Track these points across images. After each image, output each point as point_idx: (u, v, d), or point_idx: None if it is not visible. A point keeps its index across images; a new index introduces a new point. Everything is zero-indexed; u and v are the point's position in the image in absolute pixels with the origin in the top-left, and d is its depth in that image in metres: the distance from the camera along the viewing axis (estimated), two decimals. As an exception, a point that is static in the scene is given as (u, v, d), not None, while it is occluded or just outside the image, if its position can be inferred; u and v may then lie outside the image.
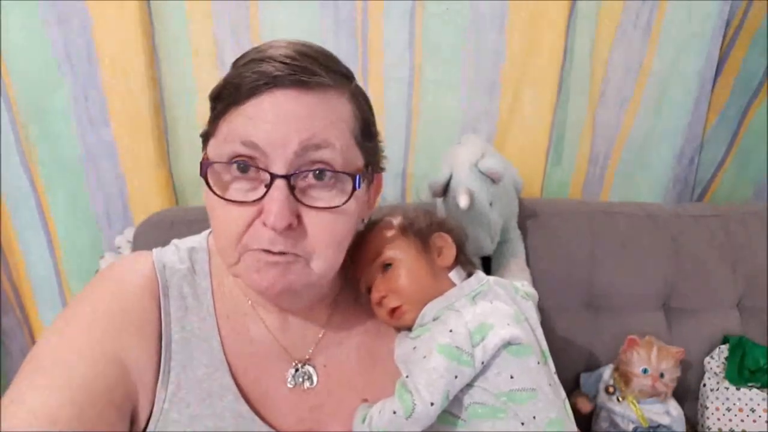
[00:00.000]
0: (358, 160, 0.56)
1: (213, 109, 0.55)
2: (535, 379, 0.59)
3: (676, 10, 1.13)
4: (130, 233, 1.09)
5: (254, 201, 0.51)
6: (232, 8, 1.05)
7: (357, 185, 0.54)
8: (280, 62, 0.50)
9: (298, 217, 0.52)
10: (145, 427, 0.56)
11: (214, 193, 0.53)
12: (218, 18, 1.05)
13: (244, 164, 0.52)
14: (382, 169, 0.63)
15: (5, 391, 0.50)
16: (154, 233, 0.95)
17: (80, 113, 1.07)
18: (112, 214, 1.16)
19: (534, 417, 0.58)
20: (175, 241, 0.67)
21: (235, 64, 0.54)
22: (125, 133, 1.09)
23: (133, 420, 0.55)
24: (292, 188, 0.51)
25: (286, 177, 0.50)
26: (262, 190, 0.51)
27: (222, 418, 0.57)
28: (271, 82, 0.50)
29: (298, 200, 0.52)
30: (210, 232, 0.69)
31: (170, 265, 0.63)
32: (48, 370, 0.51)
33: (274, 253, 0.52)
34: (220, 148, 0.53)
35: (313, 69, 0.51)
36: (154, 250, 0.65)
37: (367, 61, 1.10)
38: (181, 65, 1.08)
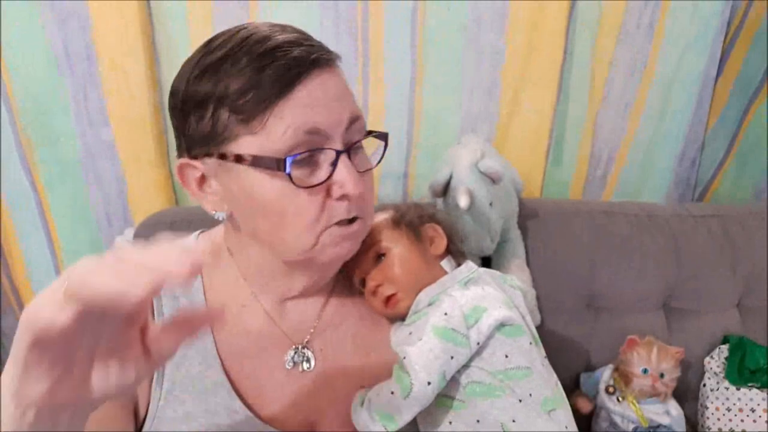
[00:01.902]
0: None
1: (240, 108, 0.51)
2: (529, 358, 0.61)
3: (679, 11, 1.13)
4: (130, 233, 1.09)
5: (324, 181, 0.53)
6: (232, 8, 1.05)
7: (386, 144, 0.60)
8: (305, 45, 0.52)
9: None
10: (143, 425, 0.56)
11: (298, 186, 0.52)
12: (218, 18, 1.05)
13: (311, 151, 0.53)
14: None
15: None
16: (154, 233, 0.95)
17: (80, 113, 1.07)
18: (112, 214, 1.16)
19: (530, 395, 0.59)
20: None
21: (234, 62, 0.51)
22: (125, 133, 1.09)
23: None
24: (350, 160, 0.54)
25: (347, 151, 0.54)
26: (326, 169, 0.54)
27: (216, 414, 0.58)
28: (312, 64, 0.52)
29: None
30: (200, 233, 0.70)
31: None
32: None
33: (349, 223, 0.56)
34: (274, 143, 0.51)
35: (325, 47, 0.55)
36: None
37: (368, 61, 1.10)
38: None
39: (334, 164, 0.53)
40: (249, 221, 0.58)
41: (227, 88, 0.51)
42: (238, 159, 0.52)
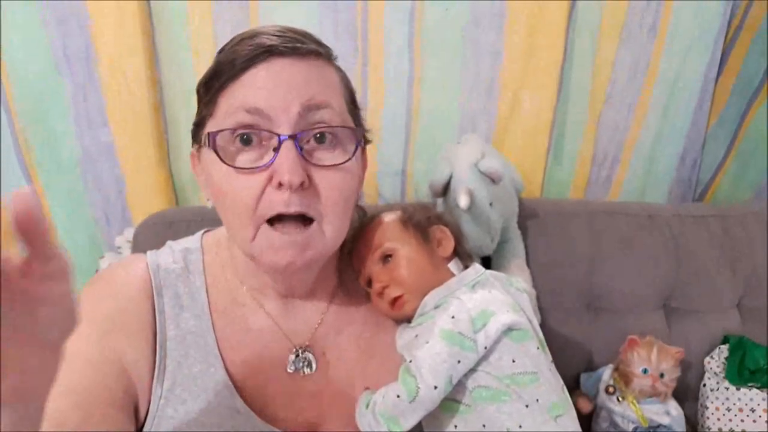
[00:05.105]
0: (352, 124, 0.58)
1: (207, 92, 0.56)
2: (536, 363, 0.60)
3: (682, 11, 1.13)
4: (129, 233, 1.09)
5: (264, 166, 0.52)
6: (232, 8, 1.05)
7: (358, 142, 0.57)
8: (272, 35, 0.53)
9: (309, 177, 0.53)
10: (143, 424, 0.56)
11: (224, 161, 0.53)
12: (218, 18, 1.05)
13: (248, 135, 0.53)
14: (369, 141, 0.64)
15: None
16: (154, 233, 0.95)
17: (79, 114, 1.07)
18: (112, 214, 1.15)
19: (537, 400, 0.58)
20: (169, 242, 0.68)
21: (223, 49, 0.56)
22: (125, 134, 1.09)
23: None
24: (299, 149, 0.52)
25: (293, 137, 0.52)
26: (270, 155, 0.52)
27: (218, 414, 0.58)
28: (267, 51, 0.52)
29: (306, 160, 0.53)
30: (204, 232, 0.70)
31: (164, 266, 0.64)
32: None
33: (289, 225, 0.53)
34: (223, 121, 0.54)
35: (303, 39, 0.54)
36: (148, 252, 0.66)
37: (367, 61, 1.10)
38: (181, 65, 1.08)
39: (277, 150, 0.52)
40: (217, 208, 0.58)
41: (205, 75, 0.56)
42: (202, 140, 0.56)
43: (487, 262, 1.01)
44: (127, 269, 0.63)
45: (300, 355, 0.63)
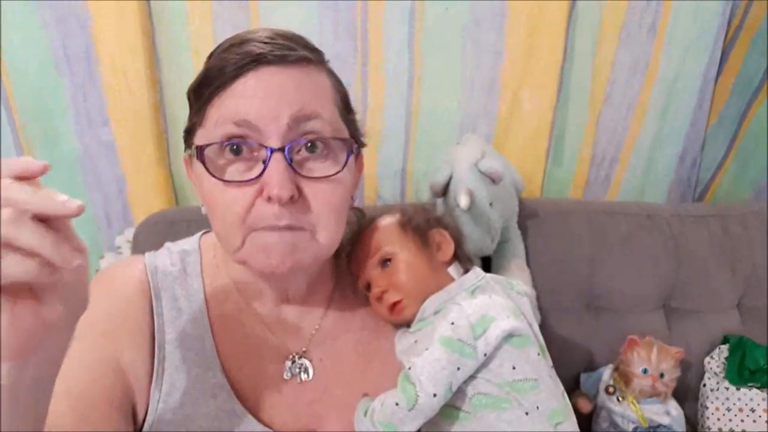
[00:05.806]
0: (344, 132, 0.57)
1: (197, 100, 0.55)
2: (536, 370, 0.60)
3: (681, 11, 1.13)
4: (130, 233, 1.09)
5: (253, 179, 0.52)
6: (232, 8, 1.05)
7: (350, 152, 0.56)
8: (261, 42, 0.52)
9: (299, 189, 0.53)
10: (141, 427, 0.56)
11: (213, 175, 0.53)
12: (218, 18, 1.05)
13: (237, 145, 0.52)
14: (364, 145, 0.64)
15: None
16: (154, 233, 0.95)
17: (79, 113, 1.07)
18: (112, 214, 1.15)
19: (537, 407, 0.58)
20: (167, 244, 0.68)
21: (212, 54, 0.56)
22: (125, 133, 1.09)
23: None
24: (288, 161, 0.52)
25: (282, 149, 0.51)
26: (260, 167, 0.52)
27: (216, 417, 0.57)
28: (255, 60, 0.51)
29: (296, 172, 0.52)
30: (203, 233, 0.69)
31: (162, 268, 0.63)
32: None
33: (280, 229, 0.52)
34: (211, 133, 0.53)
35: (293, 45, 0.53)
36: (146, 254, 0.65)
37: (367, 61, 1.10)
38: (181, 65, 1.08)
39: (266, 162, 0.51)
40: (208, 216, 0.58)
41: (194, 81, 0.55)
42: (193, 150, 0.55)
43: (487, 262, 1.01)
44: (124, 271, 0.63)
45: (296, 361, 0.63)
